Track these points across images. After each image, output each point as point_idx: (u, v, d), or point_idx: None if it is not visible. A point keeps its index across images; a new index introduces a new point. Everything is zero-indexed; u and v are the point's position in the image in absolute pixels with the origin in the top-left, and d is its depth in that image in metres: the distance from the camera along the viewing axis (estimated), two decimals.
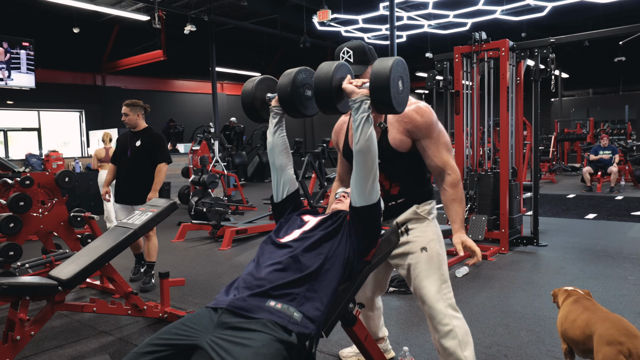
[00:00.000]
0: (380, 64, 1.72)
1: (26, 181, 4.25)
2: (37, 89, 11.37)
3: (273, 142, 2.02)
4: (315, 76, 1.77)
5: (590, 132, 14.77)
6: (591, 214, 7.41)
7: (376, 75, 1.69)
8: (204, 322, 1.50)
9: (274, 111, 2.00)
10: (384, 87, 1.67)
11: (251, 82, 2.06)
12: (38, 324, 2.68)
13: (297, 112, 1.93)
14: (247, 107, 2.06)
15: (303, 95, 1.91)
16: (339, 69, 1.77)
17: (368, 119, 1.70)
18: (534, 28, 14.14)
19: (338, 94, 1.77)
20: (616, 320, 2.01)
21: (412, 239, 2.16)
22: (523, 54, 5.17)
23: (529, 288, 3.94)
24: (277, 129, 2.01)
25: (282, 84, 1.90)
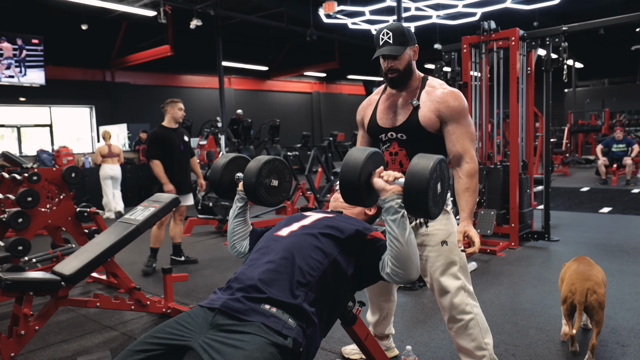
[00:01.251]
0: (419, 162, 1.51)
1: (33, 177, 4.29)
2: (48, 85, 11.45)
3: (233, 227, 1.99)
4: (343, 165, 1.59)
5: (605, 123, 14.49)
6: (606, 208, 7.27)
7: (413, 176, 1.49)
8: (198, 321, 1.47)
9: (240, 195, 1.98)
10: (421, 192, 1.47)
11: (223, 158, 2.04)
12: (42, 318, 2.69)
13: (259, 202, 1.91)
14: (215, 184, 2.03)
15: (268, 186, 1.90)
16: (369, 158, 1.58)
17: (402, 219, 1.56)
18: (547, 17, 13.87)
19: (367, 188, 1.59)
20: (583, 269, 2.59)
21: (432, 232, 2.15)
22: (534, 43, 5.05)
23: (540, 284, 3.86)
24: (239, 214, 1.99)
25: (248, 172, 1.89)
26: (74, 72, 14.03)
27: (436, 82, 2.19)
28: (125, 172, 9.63)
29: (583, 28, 5.21)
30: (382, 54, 2.07)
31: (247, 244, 1.99)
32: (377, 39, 2.10)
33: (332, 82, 21.70)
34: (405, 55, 2.10)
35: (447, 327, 2.21)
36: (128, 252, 5.22)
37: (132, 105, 14.84)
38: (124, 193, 9.52)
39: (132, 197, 9.61)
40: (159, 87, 15.96)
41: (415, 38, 2.16)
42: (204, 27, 11.72)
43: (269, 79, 19.05)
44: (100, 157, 7.64)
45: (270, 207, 1.95)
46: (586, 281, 2.50)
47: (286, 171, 2.01)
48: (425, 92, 2.14)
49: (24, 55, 10.88)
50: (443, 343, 2.83)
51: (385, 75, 2.16)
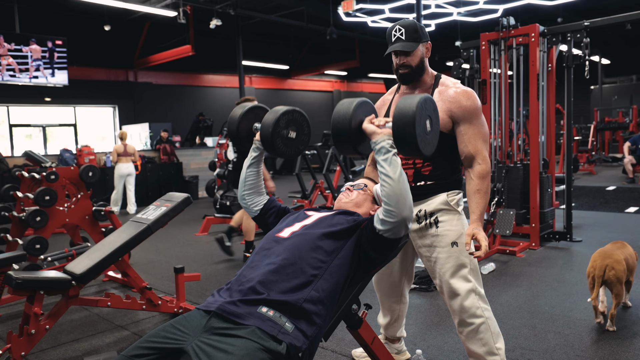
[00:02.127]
0: (405, 100, 1.56)
1: (51, 176, 4.34)
2: (72, 85, 11.66)
3: (245, 177, 1.97)
4: (333, 115, 1.63)
5: (633, 120, 14.09)
6: (632, 207, 7.05)
7: (400, 112, 1.53)
8: (193, 324, 1.44)
9: (256, 144, 1.96)
10: (409, 125, 1.50)
11: (240, 108, 2.02)
12: (53, 317, 2.71)
13: (276, 153, 1.88)
14: (232, 135, 2.01)
15: (285, 137, 1.86)
16: (359, 106, 1.63)
17: (394, 158, 1.57)
18: (571, 12, 13.54)
19: (358, 135, 1.63)
20: (608, 249, 3.01)
21: (442, 232, 2.11)
22: (555, 40, 4.91)
23: (560, 287, 3.74)
24: (253, 164, 1.97)
25: (265, 122, 1.85)
26: (98, 72, 14.27)
27: (449, 80, 2.15)
28: (146, 170, 9.76)
29: (605, 23, 5.05)
30: (394, 49, 2.05)
31: (261, 204, 1.98)
32: (390, 36, 2.08)
33: (353, 80, 21.61)
34: (418, 52, 2.07)
35: (458, 331, 2.15)
36: (144, 251, 5.29)
37: (154, 105, 15.03)
38: (144, 192, 9.66)
39: (152, 195, 9.73)
40: (181, 87, 16.12)
41: (427, 35, 2.13)
42: (224, 26, 11.79)
43: (289, 78, 19.07)
44: (117, 155, 8.14)
45: (286, 158, 1.93)
46: (606, 259, 2.88)
47: (305, 123, 1.96)
48: (438, 92, 2.10)
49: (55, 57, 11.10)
50: (457, 347, 2.75)
51: (396, 72, 2.13)
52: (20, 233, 4.29)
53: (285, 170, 14.77)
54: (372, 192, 1.94)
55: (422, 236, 2.15)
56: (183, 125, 14.40)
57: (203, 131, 13.37)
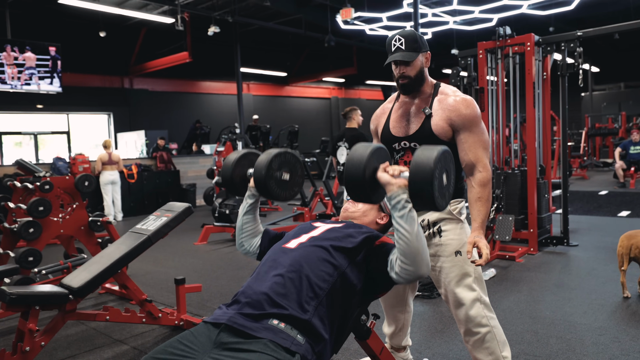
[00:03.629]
0: (422, 153, 1.50)
1: (45, 186, 4.24)
2: (66, 92, 11.58)
3: (241, 225, 1.96)
4: (347, 162, 1.58)
5: (622, 126, 14.28)
6: (624, 212, 7.10)
7: (418, 167, 1.47)
8: (201, 340, 1.42)
9: (251, 191, 1.94)
10: (426, 183, 1.45)
11: (234, 154, 2.00)
12: (48, 334, 2.62)
13: (270, 196, 1.87)
14: (226, 182, 1.99)
15: (279, 179, 1.85)
16: (373, 154, 1.56)
17: (411, 212, 1.53)
18: (562, 22, 13.72)
19: (372, 183, 1.56)
20: (633, 233, 3.51)
21: (446, 242, 2.11)
22: (549, 49, 4.99)
23: (559, 291, 3.76)
24: (248, 211, 1.95)
25: (257, 167, 1.85)
26: (92, 79, 14.20)
27: (449, 89, 2.15)
28: (142, 179, 9.71)
29: (598, 33, 5.15)
30: (394, 59, 2.05)
31: (257, 243, 1.96)
32: (389, 45, 2.08)
33: (351, 87, 21.66)
34: (418, 61, 2.06)
35: (464, 340, 2.14)
36: (142, 262, 5.24)
37: (150, 112, 14.97)
38: (141, 200, 9.61)
39: (148, 204, 9.68)
40: (178, 94, 16.08)
41: (427, 45, 2.13)
42: (222, 33, 11.79)
43: (287, 85, 19.08)
44: (101, 164, 8.22)
45: (281, 201, 1.91)
46: (631, 239, 3.45)
47: (298, 165, 1.95)
48: (438, 100, 2.10)
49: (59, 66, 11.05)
50: (462, 354, 2.75)
51: (396, 82, 2.13)
52: (12, 245, 4.17)
53: None
54: None
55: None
56: (180, 133, 14.36)
57: (200, 138, 13.34)
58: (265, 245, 1.94)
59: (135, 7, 11.43)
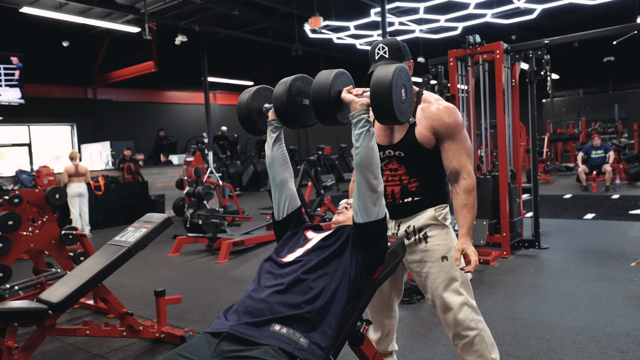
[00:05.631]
0: (381, 70, 1.62)
1: (15, 199, 4.14)
2: (28, 103, 11.22)
3: (272, 156, 1.92)
4: (313, 86, 1.67)
5: (582, 131, 14.83)
6: (589, 214, 7.36)
7: (377, 81, 1.59)
8: (201, 351, 1.40)
9: (272, 125, 1.91)
10: (386, 93, 1.57)
11: (247, 92, 1.95)
12: (27, 351, 2.55)
13: (295, 123, 1.82)
14: (243, 120, 1.94)
15: (300, 105, 1.80)
16: (337, 77, 1.68)
17: (369, 130, 1.64)
18: (524, 30, 14.20)
19: (337, 104, 1.68)
20: None
21: (432, 247, 2.13)
22: (517, 56, 5.13)
23: (535, 293, 3.86)
24: (276, 142, 1.92)
25: (277, 94, 1.79)
26: (55, 89, 13.81)
27: (432, 97, 2.17)
28: (110, 190, 9.49)
29: (563, 41, 5.34)
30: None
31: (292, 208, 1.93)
32: (372, 54, 2.07)
33: None
34: None
35: (453, 344, 2.17)
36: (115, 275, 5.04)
37: (115, 123, 14.65)
38: (108, 212, 9.38)
39: (116, 216, 9.47)
40: (143, 104, 15.80)
41: (410, 53, 2.14)
42: (188, 42, 11.68)
43: None
44: (67, 176, 7.98)
45: (305, 127, 1.86)
46: None
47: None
48: (421, 109, 2.11)
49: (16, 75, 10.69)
50: (446, 357, 2.79)
51: None
52: None
53: (252, 187, 14.65)
54: None
55: (411, 252, 2.17)
56: (146, 143, 14.10)
57: (167, 149, 13.13)
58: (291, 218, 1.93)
59: (98, 16, 11.22)
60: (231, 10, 11.48)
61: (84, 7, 10.66)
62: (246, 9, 12.30)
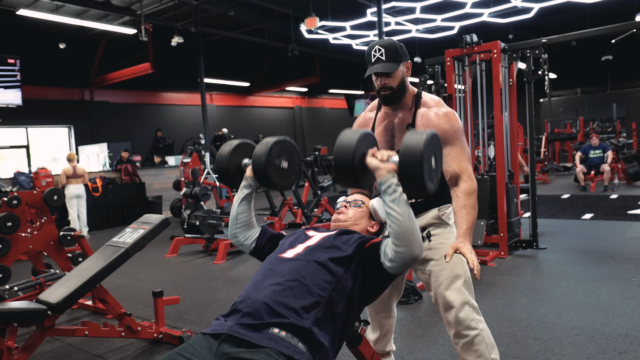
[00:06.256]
0: (412, 137, 1.52)
1: (13, 201, 4.15)
2: (25, 105, 11.22)
3: (236, 214, 1.91)
4: (337, 147, 1.57)
5: (580, 131, 14.84)
6: (588, 214, 7.37)
7: (407, 151, 1.49)
8: (201, 352, 1.40)
9: (247, 181, 1.90)
10: (416, 164, 1.46)
11: (228, 146, 1.97)
12: (27, 351, 2.57)
13: (271, 185, 1.85)
14: (221, 174, 1.96)
15: (278, 167, 1.83)
16: (362, 139, 1.58)
17: (402, 195, 1.54)
18: (521, 30, 14.23)
19: (361, 168, 1.57)
20: None
21: (435, 246, 2.13)
22: (515, 56, 5.13)
23: (533, 294, 3.86)
24: (245, 200, 1.91)
25: (257, 154, 1.82)
26: (52, 91, 13.80)
27: (432, 100, 2.15)
28: (107, 192, 9.49)
29: (560, 40, 5.32)
30: (375, 71, 2.00)
31: (254, 237, 1.91)
32: (369, 56, 2.03)
33: (314, 96, 21.76)
34: (399, 72, 2.04)
35: (453, 342, 2.17)
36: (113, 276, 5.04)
37: (112, 124, 14.65)
38: (106, 214, 9.38)
39: (114, 217, 9.46)
40: (140, 105, 15.79)
41: (407, 54, 2.11)
42: (185, 44, 11.69)
43: (250, 95, 19.01)
44: (65, 177, 7.99)
45: (281, 189, 1.88)
46: None
47: (295, 153, 1.93)
48: (420, 115, 2.10)
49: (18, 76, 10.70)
50: (444, 358, 2.79)
51: (378, 93, 2.10)
52: None
53: None
54: (369, 207, 1.94)
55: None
56: (143, 145, 14.09)
57: (164, 150, 13.12)
58: (262, 242, 1.91)
59: (95, 18, 11.22)
60: (227, 11, 11.48)
61: (80, 9, 10.67)
62: (242, 10, 12.31)
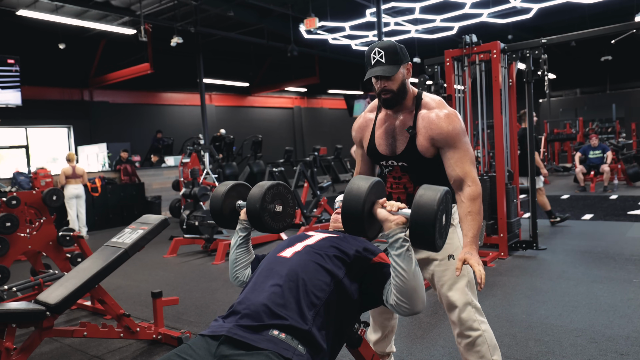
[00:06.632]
0: (425, 194, 1.50)
1: (12, 201, 4.14)
2: (24, 105, 11.20)
3: (235, 257, 1.93)
4: (346, 195, 1.56)
5: (580, 131, 14.85)
6: (587, 215, 7.37)
7: (420, 208, 1.47)
8: (200, 353, 1.39)
9: (242, 224, 1.92)
10: (429, 225, 1.45)
11: (224, 186, 1.99)
12: (25, 352, 2.56)
13: (264, 228, 1.87)
14: (215, 214, 1.98)
15: (272, 212, 1.86)
16: (372, 188, 1.56)
17: (409, 250, 1.52)
18: (521, 30, 14.22)
19: (369, 218, 1.57)
20: None
21: None
22: (515, 56, 5.12)
23: (533, 295, 3.85)
24: (242, 244, 1.93)
25: (251, 198, 1.85)
26: (51, 91, 13.77)
27: (432, 101, 2.11)
28: (107, 192, 9.47)
29: (560, 40, 5.32)
30: (375, 74, 1.97)
31: (250, 272, 1.92)
32: (369, 58, 1.99)
33: (313, 96, 21.74)
34: (399, 74, 1.99)
35: (456, 342, 2.17)
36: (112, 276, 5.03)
37: (111, 125, 14.63)
38: (105, 214, 9.36)
39: (113, 217, 9.45)
40: (139, 105, 15.77)
41: (408, 55, 2.05)
42: (184, 44, 11.68)
43: (250, 95, 18.99)
44: (65, 178, 7.99)
45: (275, 233, 1.90)
46: None
47: (289, 196, 1.96)
48: (421, 117, 2.06)
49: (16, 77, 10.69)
50: (444, 359, 2.78)
51: (378, 96, 2.07)
52: None
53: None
54: None
55: (418, 250, 2.15)
56: (142, 145, 14.07)
57: (163, 150, 13.11)
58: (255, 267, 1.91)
59: (94, 18, 11.20)
60: (226, 11, 11.48)
61: (80, 9, 10.65)
62: (241, 10, 12.30)
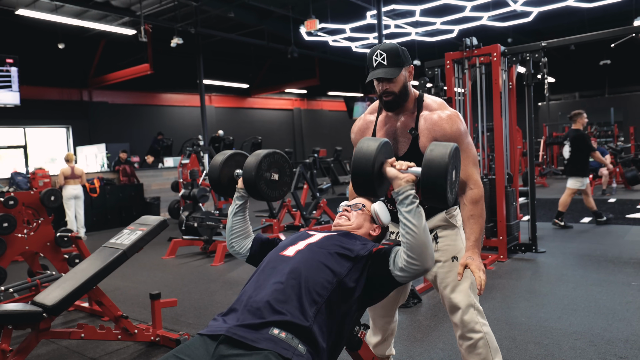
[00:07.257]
0: (436, 149, 1.53)
1: (10, 201, 4.12)
2: (23, 105, 11.17)
3: (232, 224, 1.94)
4: (355, 155, 1.58)
5: None
6: (586, 218, 7.37)
7: (432, 162, 1.50)
8: (198, 353, 1.38)
9: (239, 192, 1.93)
10: (441, 177, 1.48)
11: (221, 155, 2.00)
12: (22, 354, 2.54)
13: (260, 196, 1.88)
14: (214, 183, 1.99)
15: (269, 180, 1.87)
16: (381, 148, 1.58)
17: (419, 207, 1.54)
18: (520, 33, 14.25)
19: (379, 177, 1.59)
20: None
21: (442, 248, 2.11)
22: (515, 59, 5.13)
23: (532, 297, 3.85)
24: (239, 211, 1.94)
25: (247, 166, 1.86)
26: (50, 91, 13.76)
27: (434, 103, 2.10)
28: (105, 193, 9.45)
29: (560, 44, 5.33)
30: (377, 77, 1.95)
31: (248, 245, 1.94)
32: (370, 60, 1.97)
33: (313, 98, 21.75)
34: (401, 77, 1.98)
35: (458, 344, 2.16)
36: (111, 278, 5.01)
37: (110, 125, 14.62)
38: (103, 215, 9.34)
39: (112, 218, 9.43)
40: (138, 106, 15.76)
41: (410, 58, 2.03)
42: (184, 45, 11.68)
43: (249, 97, 19.00)
44: (64, 178, 7.96)
45: (271, 201, 1.92)
46: None
47: (286, 165, 1.96)
48: (423, 118, 2.05)
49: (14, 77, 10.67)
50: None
51: (380, 98, 2.06)
52: None
53: None
54: (370, 211, 1.92)
55: None
56: (141, 146, 14.06)
57: (162, 151, 13.09)
58: (255, 249, 1.93)
59: (94, 18, 11.19)
60: (227, 12, 11.48)
61: (79, 9, 10.64)
62: (242, 12, 12.30)
